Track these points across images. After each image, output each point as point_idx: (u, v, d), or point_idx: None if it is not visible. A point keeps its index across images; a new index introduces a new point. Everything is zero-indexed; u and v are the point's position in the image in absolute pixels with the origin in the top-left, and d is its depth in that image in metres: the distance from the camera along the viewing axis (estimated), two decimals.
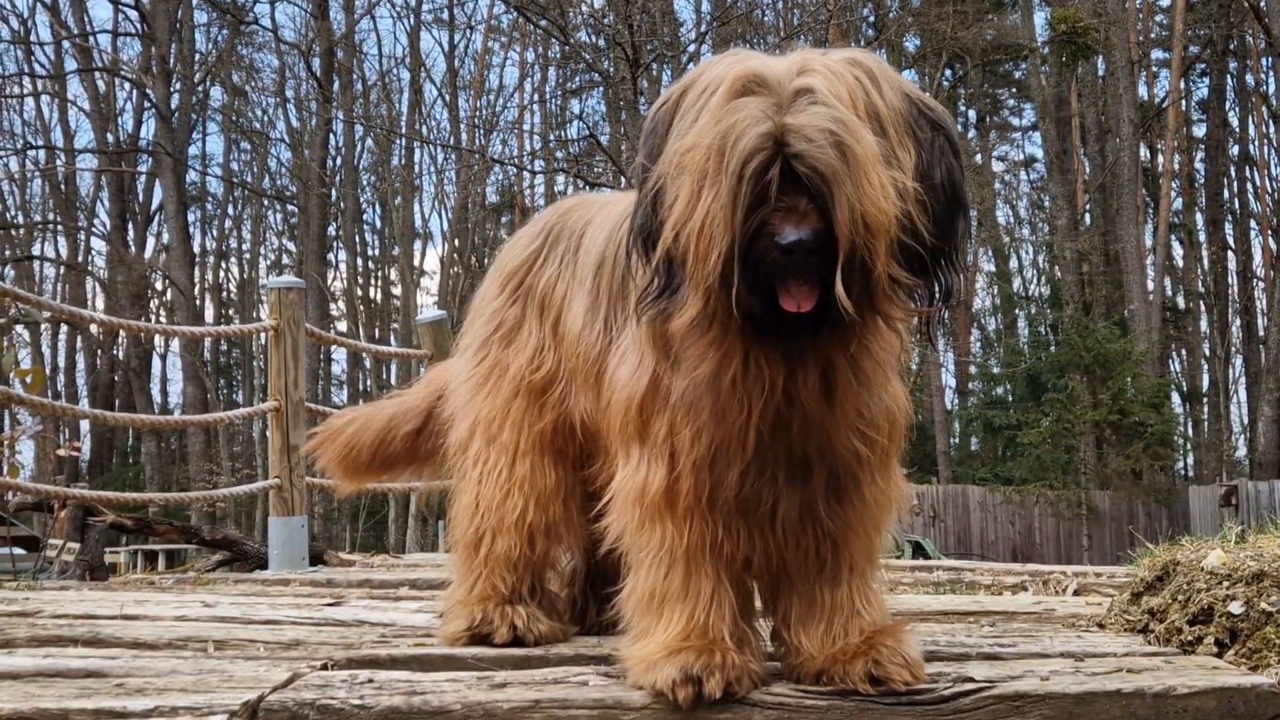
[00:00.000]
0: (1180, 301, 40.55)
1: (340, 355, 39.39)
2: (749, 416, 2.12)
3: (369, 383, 37.49)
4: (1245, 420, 38.38)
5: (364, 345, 19.88)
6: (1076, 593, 3.93)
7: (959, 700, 2.17)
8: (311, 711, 2.13)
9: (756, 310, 1.97)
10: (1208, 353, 40.14)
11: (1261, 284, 38.12)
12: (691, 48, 24.02)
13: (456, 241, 36.31)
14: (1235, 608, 2.64)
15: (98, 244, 37.89)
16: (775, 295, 1.96)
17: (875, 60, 2.10)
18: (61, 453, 10.60)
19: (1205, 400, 39.44)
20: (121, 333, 37.02)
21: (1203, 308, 40.34)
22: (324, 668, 2.52)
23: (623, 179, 21.65)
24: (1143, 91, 36.42)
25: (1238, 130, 39.43)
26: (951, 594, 4.09)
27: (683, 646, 2.20)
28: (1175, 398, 35.80)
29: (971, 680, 2.22)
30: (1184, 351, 40.31)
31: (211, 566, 6.94)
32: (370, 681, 2.28)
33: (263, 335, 7.02)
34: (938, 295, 2.08)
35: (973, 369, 38.52)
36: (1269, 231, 37.81)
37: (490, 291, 2.88)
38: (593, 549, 2.89)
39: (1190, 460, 37.25)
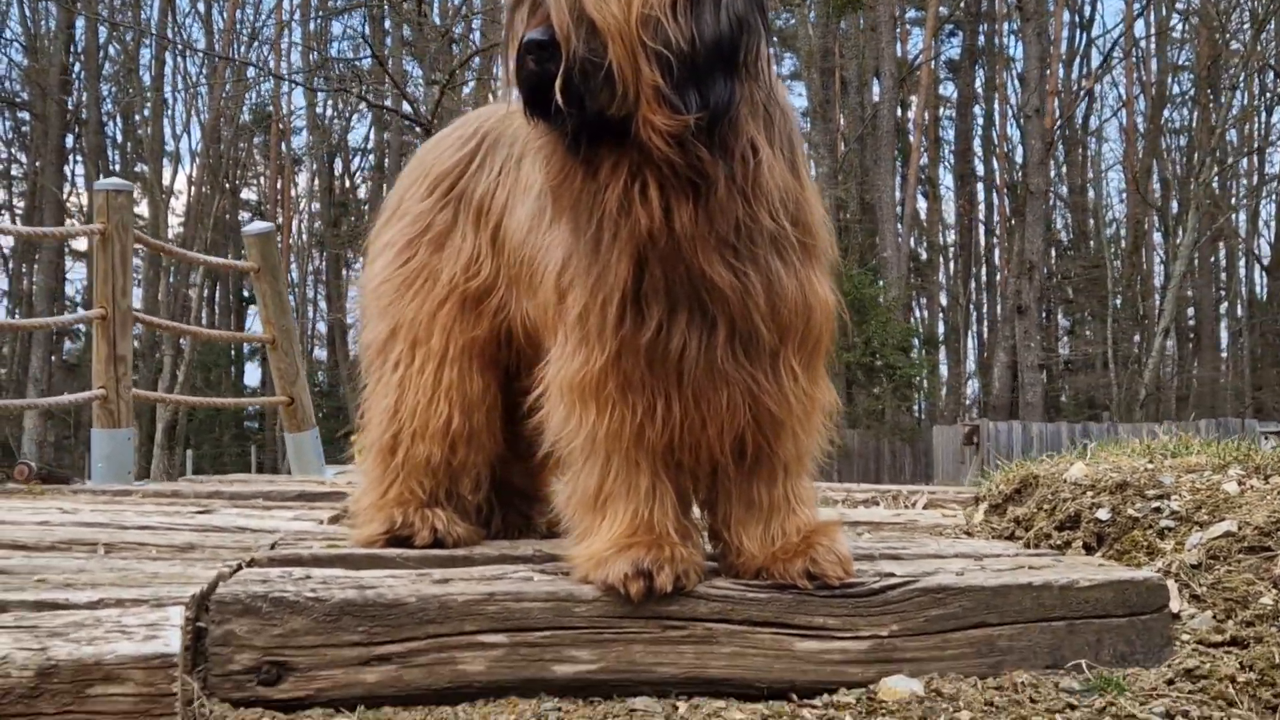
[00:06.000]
0: (923, 253, 42.85)
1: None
2: (616, 244, 2.13)
3: None
4: (977, 365, 41.12)
5: (196, 256, 18.62)
6: (926, 506, 4.18)
7: (887, 593, 2.31)
8: (264, 604, 2.09)
9: (550, 117, 2.02)
10: (944, 302, 42.68)
11: (998, 239, 40.71)
12: None
13: (210, 158, 34.72)
14: (1103, 514, 2.88)
15: None
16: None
17: None
18: None
19: (944, 345, 41.92)
20: None
21: (942, 259, 42.80)
22: (242, 566, 2.45)
23: (405, 103, 21.12)
24: (897, 48, 37.99)
25: (983, 91, 41.74)
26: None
27: (632, 542, 2.24)
28: (915, 342, 37.89)
29: (894, 575, 2.36)
30: (924, 299, 42.68)
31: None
32: (309, 578, 2.24)
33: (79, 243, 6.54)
34: (711, 104, 2.03)
35: None
36: (1004, 190, 40.30)
37: (416, 192, 2.80)
38: (500, 457, 2.89)
39: (925, 403, 39.59)
